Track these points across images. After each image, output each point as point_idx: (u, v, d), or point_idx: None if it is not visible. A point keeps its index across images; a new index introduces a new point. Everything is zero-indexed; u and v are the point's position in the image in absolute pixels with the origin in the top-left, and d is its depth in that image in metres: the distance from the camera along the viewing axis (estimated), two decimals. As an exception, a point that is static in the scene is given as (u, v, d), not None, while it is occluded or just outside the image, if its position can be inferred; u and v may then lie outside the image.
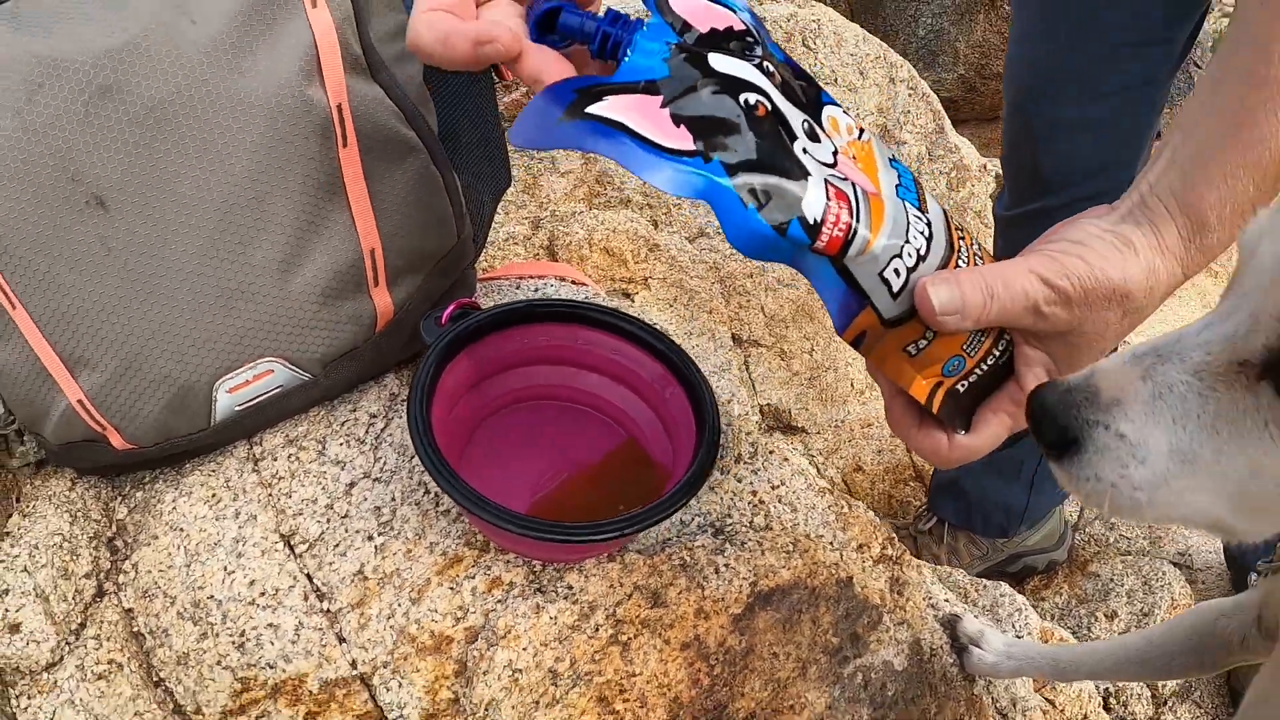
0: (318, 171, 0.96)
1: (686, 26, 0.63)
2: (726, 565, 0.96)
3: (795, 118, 0.64)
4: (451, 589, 0.93)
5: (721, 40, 0.64)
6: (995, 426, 0.71)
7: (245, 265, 0.95)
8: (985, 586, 1.57)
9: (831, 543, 1.04)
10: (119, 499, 1.08)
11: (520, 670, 0.88)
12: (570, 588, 0.92)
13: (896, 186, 0.66)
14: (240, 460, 1.07)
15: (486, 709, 0.88)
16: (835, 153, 0.65)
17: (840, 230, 0.61)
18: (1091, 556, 1.94)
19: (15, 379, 0.97)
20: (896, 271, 0.64)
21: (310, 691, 0.93)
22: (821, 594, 0.99)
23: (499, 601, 0.91)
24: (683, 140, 0.59)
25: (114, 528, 1.06)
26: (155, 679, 0.97)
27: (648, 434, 0.96)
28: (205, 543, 0.99)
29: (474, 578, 0.94)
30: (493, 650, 0.89)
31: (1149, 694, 1.60)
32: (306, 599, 0.96)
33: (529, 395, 0.99)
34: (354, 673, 0.93)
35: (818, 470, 1.20)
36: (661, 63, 0.60)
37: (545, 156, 1.61)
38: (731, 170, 0.59)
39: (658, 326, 1.00)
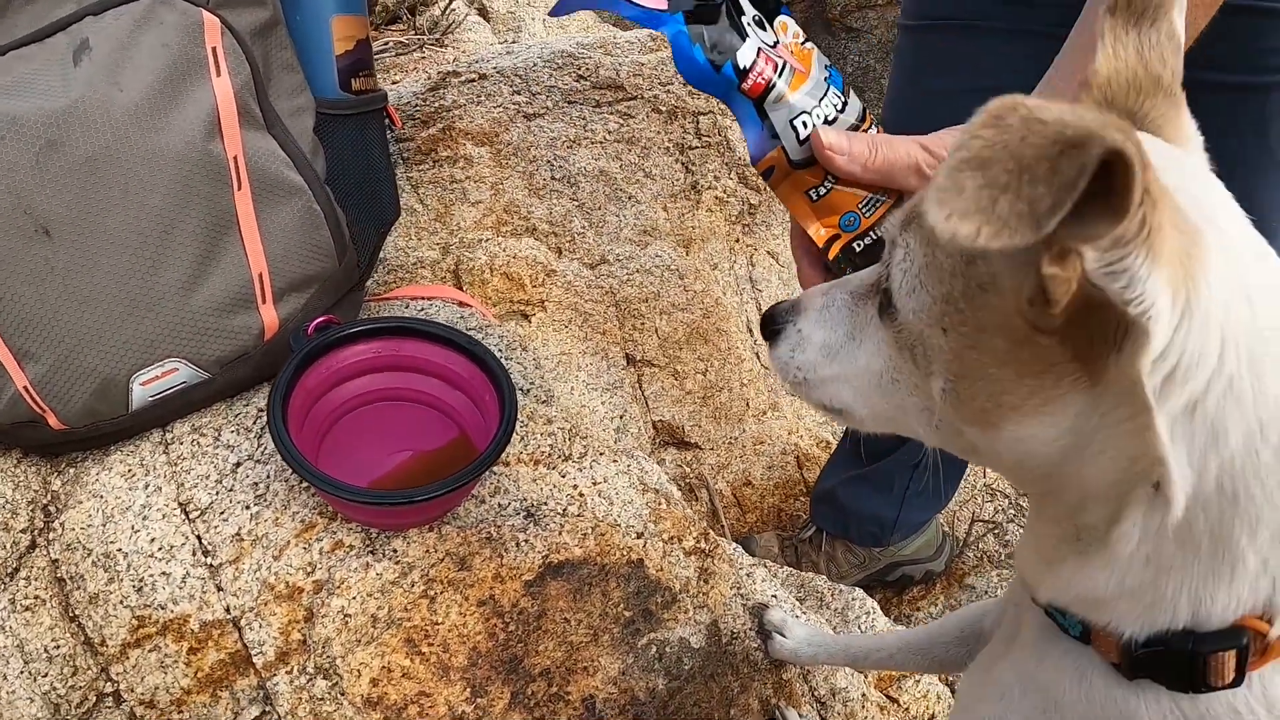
0: (216, 210, 1.28)
1: None
2: (526, 541, 1.27)
3: (749, 9, 0.96)
4: (304, 549, 1.24)
5: None
6: None
7: (156, 284, 1.27)
8: (840, 591, 1.85)
9: (637, 531, 1.34)
10: (55, 473, 1.40)
11: (350, 615, 1.20)
12: (395, 550, 1.24)
13: (826, 76, 0.96)
14: (154, 444, 1.39)
15: (323, 645, 1.19)
16: (777, 43, 0.96)
17: (762, 79, 0.93)
18: (970, 569, 2.22)
19: (-27, 369, 1.29)
20: (804, 124, 0.94)
21: (192, 630, 1.24)
22: (612, 572, 1.30)
23: (340, 560, 1.23)
24: None
25: (49, 495, 1.37)
26: (71, 615, 1.28)
27: (476, 430, 1.27)
28: (119, 507, 1.31)
29: (322, 540, 1.25)
30: (330, 599, 1.21)
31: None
32: (194, 554, 1.27)
33: (380, 396, 1.31)
34: (227, 616, 1.24)
35: (656, 478, 1.50)
36: None
37: (457, 187, 1.93)
38: (689, 18, 0.92)
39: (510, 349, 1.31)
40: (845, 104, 0.97)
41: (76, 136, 1.22)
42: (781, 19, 0.98)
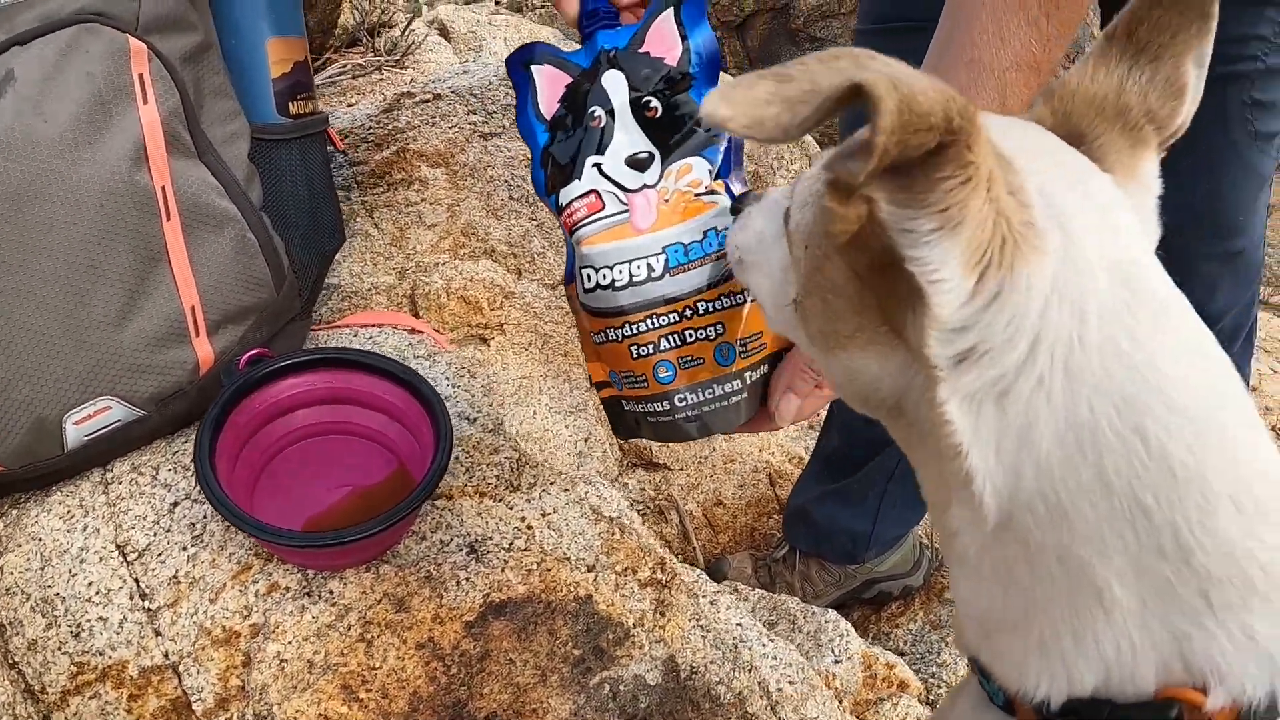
0: (144, 242, 1.24)
1: (640, 43, 0.97)
2: (468, 579, 1.22)
3: (627, 142, 0.95)
4: (241, 591, 1.20)
5: (643, 66, 0.97)
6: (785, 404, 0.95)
7: (85, 319, 1.23)
8: (813, 614, 1.80)
9: (588, 564, 1.30)
10: (-2, 516, 1.35)
11: (286, 660, 1.15)
12: (331, 592, 1.19)
13: (680, 245, 0.93)
14: (95, 483, 1.35)
15: (260, 692, 1.14)
16: (646, 186, 0.94)
17: (571, 220, 0.95)
18: (950, 583, 2.17)
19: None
20: (589, 276, 0.94)
21: (131, 676, 1.19)
22: (559, 609, 1.25)
23: (275, 603, 1.18)
24: (549, 109, 0.99)
25: (-11, 539, 1.33)
26: (10, 662, 1.23)
27: (416, 462, 1.23)
28: (57, 550, 1.26)
29: (258, 582, 1.20)
30: (266, 643, 1.16)
31: None
32: (132, 598, 1.22)
33: (318, 430, 1.26)
34: (166, 662, 1.19)
35: (614, 505, 1.45)
36: (594, 58, 0.98)
37: (412, 211, 1.88)
38: (547, 144, 0.98)
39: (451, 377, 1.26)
40: (663, 277, 0.93)
41: (3, 168, 1.17)
42: (685, 162, 0.94)
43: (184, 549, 1.24)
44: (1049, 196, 0.57)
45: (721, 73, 0.99)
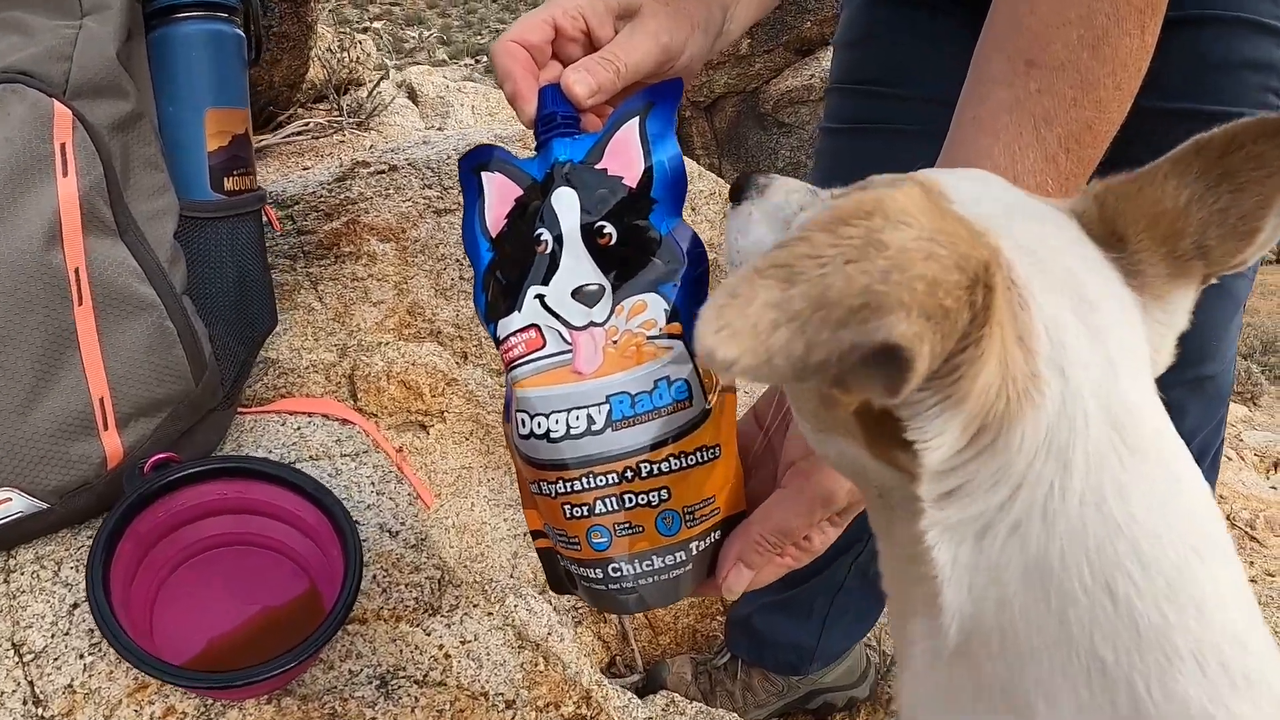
0: (53, 326, 1.12)
1: (598, 157, 0.85)
2: (375, 718, 1.10)
3: (575, 272, 0.83)
4: (136, 711, 1.08)
5: (599, 184, 0.85)
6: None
7: (-17, 408, 1.11)
8: (751, 728, 1.69)
9: (507, 700, 1.18)
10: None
11: (174, 796, 1.03)
12: (230, 723, 1.07)
13: (626, 396, 0.80)
14: (-4, 567, 1.22)
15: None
16: (593, 324, 0.82)
17: (508, 356, 0.83)
18: (895, 688, 2.08)
19: None
20: (523, 421, 0.81)
21: (12, 794, 1.06)
22: (474, 751, 1.14)
23: (169, 729, 1.06)
24: (495, 226, 0.86)
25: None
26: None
27: (326, 582, 1.12)
28: (-54, 645, 1.14)
29: (154, 704, 1.09)
30: (156, 774, 1.04)
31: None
32: (25, 703, 1.11)
33: (225, 540, 1.15)
34: (49, 783, 1.06)
35: (543, 622, 1.34)
36: (547, 170, 0.85)
37: (359, 286, 1.78)
38: (491, 265, 0.86)
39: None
40: (606, 432, 0.81)
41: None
42: (639, 299, 0.82)
43: (81, 656, 1.13)
44: (1056, 334, 0.52)
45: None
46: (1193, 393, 1.50)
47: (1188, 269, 0.59)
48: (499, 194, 0.88)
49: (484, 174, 0.88)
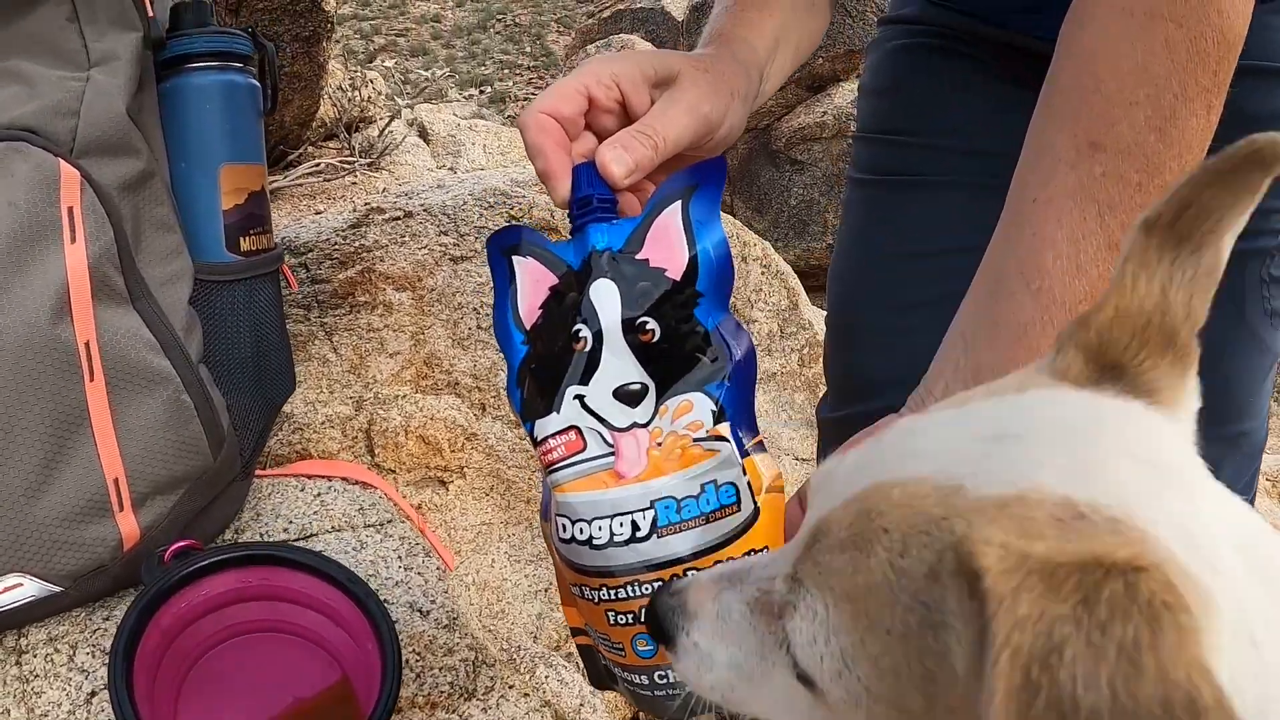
0: (63, 405, 1.06)
1: (639, 245, 0.80)
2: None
3: (617, 370, 0.77)
4: (157, 814, 1.01)
5: (640, 276, 0.79)
6: None
7: (-9, 489, 1.04)
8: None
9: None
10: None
11: None
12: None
13: (672, 501, 0.75)
14: (7, 650, 1.16)
15: None
16: (636, 425, 0.76)
17: (547, 459, 0.78)
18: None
19: None
20: (564, 526, 0.76)
21: None
22: None
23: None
24: (530, 316, 0.81)
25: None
26: None
27: (359, 673, 1.05)
28: (-44, 734, 1.07)
29: (177, 806, 1.01)
30: None
31: None
32: (38, 802, 1.03)
33: (252, 628, 1.08)
34: None
35: (574, 694, 1.27)
36: (583, 257, 0.80)
37: (374, 337, 1.71)
38: (526, 359, 0.80)
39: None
40: (680, 529, 0.75)
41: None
42: (685, 399, 0.76)
43: (98, 752, 1.06)
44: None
45: None
46: (1229, 449, 1.45)
47: (1189, 350, 0.54)
48: (532, 281, 0.82)
49: (515, 258, 0.83)
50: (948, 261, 1.41)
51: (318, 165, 2.42)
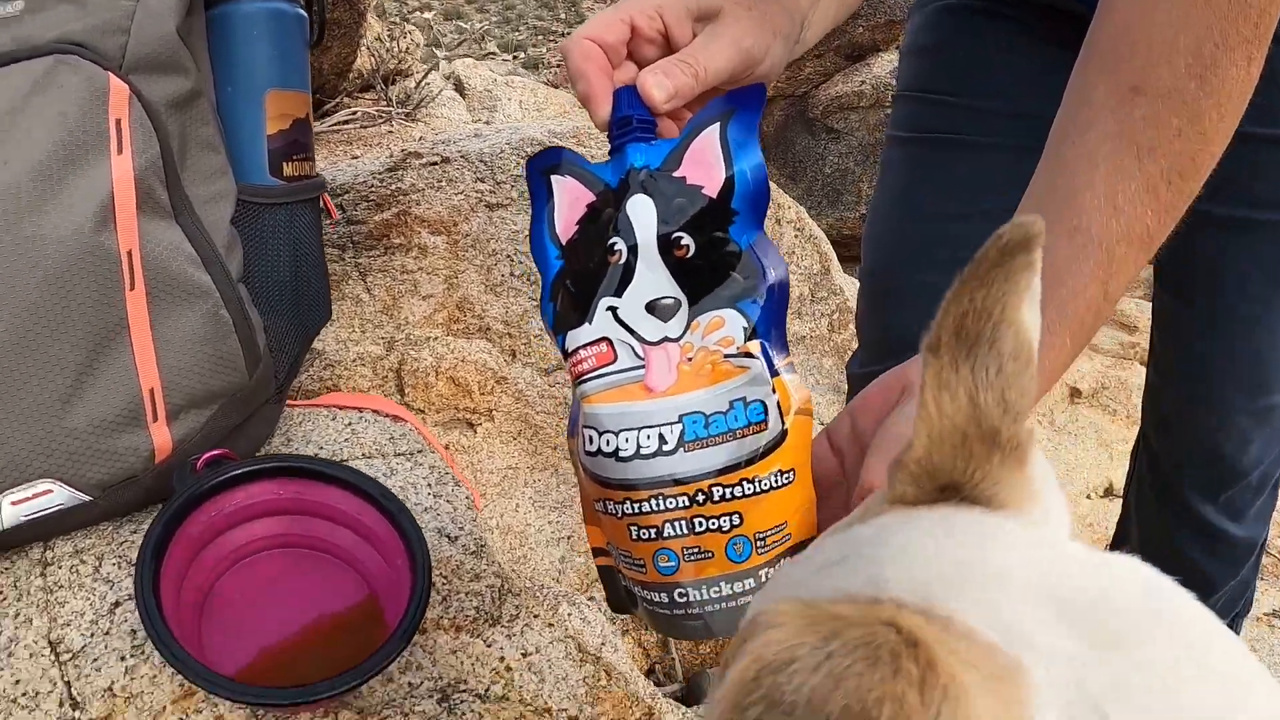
0: (103, 312, 1.06)
1: (676, 164, 0.79)
2: (436, 735, 1.03)
3: (651, 284, 0.76)
4: (182, 719, 1.00)
5: (676, 193, 0.78)
6: None
7: (25, 397, 1.04)
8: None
9: (570, 716, 1.11)
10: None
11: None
12: (282, 738, 0.99)
13: (700, 416, 0.74)
14: (32, 562, 1.16)
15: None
16: (668, 339, 0.75)
17: (577, 370, 0.77)
18: None
19: None
20: (591, 438, 0.75)
21: (45, 799, 0.99)
22: (538, 769, 1.06)
23: (217, 741, 0.99)
24: (566, 232, 0.81)
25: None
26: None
27: (388, 592, 1.04)
28: (-19, 640, 1.07)
29: (201, 712, 1.02)
30: (201, 787, 0.97)
31: None
32: (61, 705, 1.04)
33: (280, 542, 1.08)
34: (84, 788, 0.99)
35: (599, 634, 1.26)
36: (621, 176, 0.79)
37: (408, 279, 1.71)
38: (560, 273, 0.79)
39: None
40: (676, 452, 0.74)
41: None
42: (717, 315, 0.75)
43: (122, 658, 1.06)
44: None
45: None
46: (1258, 422, 1.45)
47: (1021, 449, 0.50)
48: (570, 198, 0.82)
49: (554, 177, 0.82)
50: (992, 223, 1.40)
51: (354, 113, 2.41)
